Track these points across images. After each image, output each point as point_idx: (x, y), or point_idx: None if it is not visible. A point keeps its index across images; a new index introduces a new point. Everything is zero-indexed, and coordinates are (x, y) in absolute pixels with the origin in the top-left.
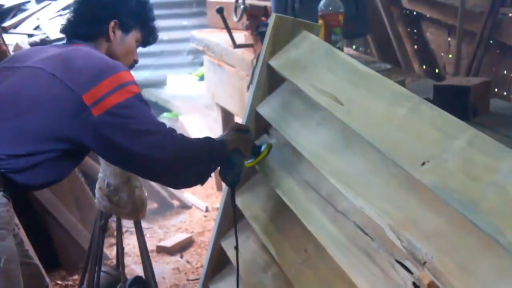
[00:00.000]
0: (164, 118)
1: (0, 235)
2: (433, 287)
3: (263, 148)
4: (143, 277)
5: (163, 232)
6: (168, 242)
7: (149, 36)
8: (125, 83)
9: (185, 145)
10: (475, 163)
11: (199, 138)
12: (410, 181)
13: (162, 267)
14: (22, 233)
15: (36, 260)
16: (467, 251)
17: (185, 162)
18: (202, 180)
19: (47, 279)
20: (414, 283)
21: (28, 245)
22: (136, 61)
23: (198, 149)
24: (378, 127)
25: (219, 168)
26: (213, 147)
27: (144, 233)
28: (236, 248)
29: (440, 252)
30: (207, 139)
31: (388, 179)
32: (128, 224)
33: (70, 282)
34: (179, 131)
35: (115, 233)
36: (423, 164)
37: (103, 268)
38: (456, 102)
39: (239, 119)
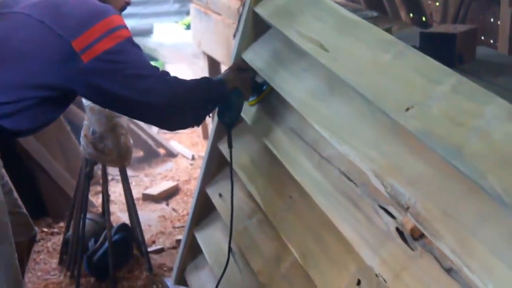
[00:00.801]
0: None
1: None
2: (416, 232)
3: (265, 86)
4: (129, 224)
5: (149, 180)
6: (154, 190)
7: None
8: (116, 27)
9: (179, 87)
10: (459, 108)
11: (196, 79)
12: (394, 127)
13: (148, 214)
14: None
15: (24, 209)
16: (450, 196)
17: (180, 104)
18: (199, 121)
19: (35, 228)
20: (397, 228)
21: (16, 194)
22: (128, 3)
23: (193, 91)
24: (363, 74)
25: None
26: (210, 87)
27: (130, 181)
28: (231, 189)
29: (424, 198)
30: (204, 80)
31: (373, 125)
32: (113, 172)
33: (56, 230)
34: None
35: (100, 181)
36: (408, 109)
37: (88, 216)
38: (442, 49)
39: (225, 68)
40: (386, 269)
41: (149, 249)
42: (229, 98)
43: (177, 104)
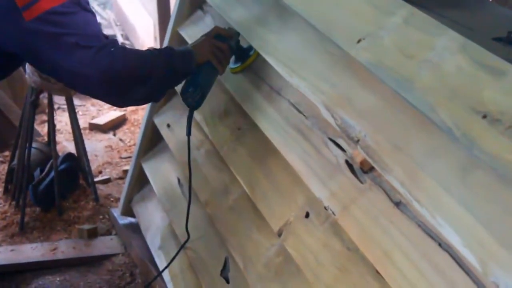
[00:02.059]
0: None
1: None
2: (366, 165)
3: (252, 51)
4: (75, 154)
5: (96, 109)
6: (101, 120)
7: None
8: None
9: (127, 60)
10: (410, 40)
11: (151, 51)
12: (345, 58)
13: (95, 144)
14: None
15: None
16: (401, 129)
17: (126, 79)
18: (153, 99)
19: None
20: (346, 161)
21: None
22: None
23: (145, 65)
24: (314, 4)
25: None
26: (171, 60)
27: (77, 110)
28: (189, 177)
29: (374, 131)
30: (163, 51)
31: (324, 57)
32: (60, 101)
33: (0, 159)
34: (113, 8)
35: (46, 110)
36: (359, 41)
37: (34, 145)
38: None
39: None
40: (335, 201)
41: (96, 179)
42: (196, 75)
43: (120, 78)
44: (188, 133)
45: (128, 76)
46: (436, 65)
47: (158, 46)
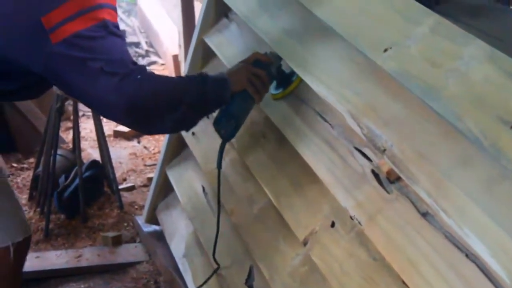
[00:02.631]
0: (122, 2)
1: None
2: (392, 174)
3: (294, 77)
4: (100, 161)
5: None
6: (126, 127)
7: None
8: (93, 6)
9: (154, 88)
10: (437, 49)
11: (182, 77)
12: (372, 67)
13: (119, 152)
14: None
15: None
16: (427, 138)
17: (153, 108)
18: (184, 128)
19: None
20: (373, 171)
21: None
22: None
23: (174, 93)
24: (341, 12)
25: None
26: (204, 89)
27: (101, 117)
28: (218, 213)
29: (400, 140)
30: (195, 78)
31: (350, 65)
32: (85, 108)
33: (25, 165)
34: (137, 16)
35: (71, 117)
36: (385, 50)
37: (59, 152)
38: None
39: (199, 4)
40: (361, 211)
41: (120, 187)
42: (230, 104)
43: (147, 107)
44: (219, 166)
45: (156, 105)
46: (463, 74)
47: (182, 54)
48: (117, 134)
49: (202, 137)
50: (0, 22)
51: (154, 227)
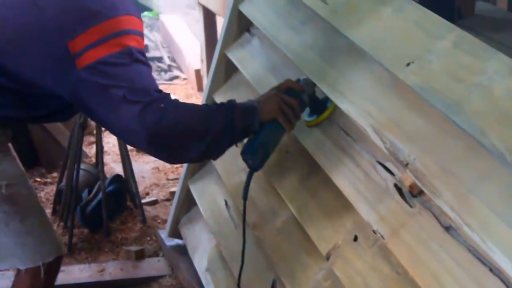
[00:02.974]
0: (144, 17)
1: None
2: (415, 188)
3: (329, 103)
4: (123, 175)
5: None
6: None
7: None
8: (119, 32)
9: (177, 117)
10: (460, 64)
11: (209, 105)
12: (394, 82)
13: (142, 166)
14: None
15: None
16: (450, 153)
17: (176, 137)
18: (210, 157)
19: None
20: (395, 185)
21: None
22: None
23: (199, 121)
24: (363, 27)
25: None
26: (229, 117)
27: None
28: (243, 245)
29: (423, 154)
30: (223, 106)
31: (372, 80)
32: None
33: (49, 180)
34: (160, 30)
35: (94, 131)
36: (408, 64)
37: (82, 166)
38: (441, 4)
39: (221, 19)
40: (384, 225)
41: (143, 201)
42: (259, 133)
43: (171, 137)
44: (244, 197)
45: (179, 134)
46: (486, 89)
47: (204, 68)
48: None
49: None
50: (28, 47)
51: (177, 241)
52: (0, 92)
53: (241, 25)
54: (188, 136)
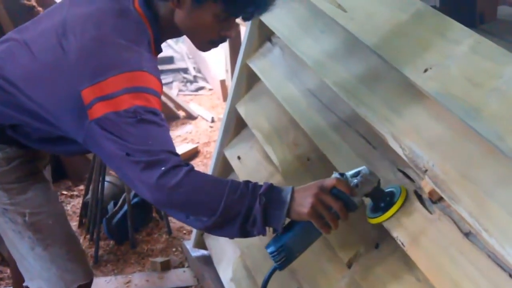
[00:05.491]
0: None
1: (20, 188)
2: (434, 195)
3: (396, 196)
4: None
5: None
6: None
7: (232, 8)
8: (128, 88)
9: (184, 186)
10: (478, 69)
11: (230, 183)
12: (412, 88)
13: None
14: None
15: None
16: (469, 158)
17: (178, 204)
18: (217, 234)
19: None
20: (415, 191)
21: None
22: (213, 41)
23: (209, 197)
24: (381, 34)
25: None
26: (247, 204)
27: None
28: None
29: (442, 160)
30: (244, 190)
31: (390, 86)
32: None
33: (75, 192)
34: (185, 42)
35: None
36: (426, 70)
37: (107, 179)
38: (463, 9)
39: (244, 29)
40: (404, 232)
41: None
42: (285, 233)
43: (173, 203)
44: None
45: (183, 202)
46: (504, 93)
47: (229, 79)
48: None
49: (247, 160)
50: (48, 85)
51: (202, 252)
52: (25, 128)
53: (262, 35)
54: (193, 208)
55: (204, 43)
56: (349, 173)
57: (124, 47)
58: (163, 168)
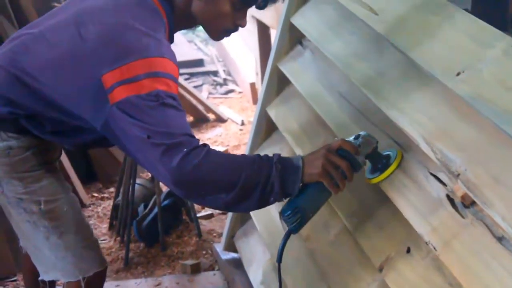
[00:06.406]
0: (199, 31)
1: (35, 176)
2: (467, 199)
3: (392, 159)
4: None
5: None
6: None
7: None
8: (149, 73)
9: (205, 165)
10: (510, 72)
11: (246, 158)
12: (444, 91)
13: None
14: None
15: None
16: (501, 162)
17: (200, 185)
18: (238, 209)
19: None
20: (447, 196)
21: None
22: (227, 30)
23: (229, 173)
24: (412, 37)
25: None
26: (264, 174)
27: None
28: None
29: (474, 164)
30: (261, 161)
31: (422, 89)
32: None
33: (106, 195)
34: (215, 45)
35: None
36: (458, 74)
37: (138, 181)
38: (494, 12)
39: (274, 31)
40: (436, 236)
41: (198, 215)
42: (299, 195)
43: (194, 184)
44: (279, 260)
45: (205, 182)
46: None
47: (259, 81)
48: None
49: None
50: (66, 74)
51: (232, 255)
52: (39, 119)
53: (293, 38)
54: (214, 186)
55: (220, 32)
56: (350, 138)
57: (144, 33)
58: (185, 150)
